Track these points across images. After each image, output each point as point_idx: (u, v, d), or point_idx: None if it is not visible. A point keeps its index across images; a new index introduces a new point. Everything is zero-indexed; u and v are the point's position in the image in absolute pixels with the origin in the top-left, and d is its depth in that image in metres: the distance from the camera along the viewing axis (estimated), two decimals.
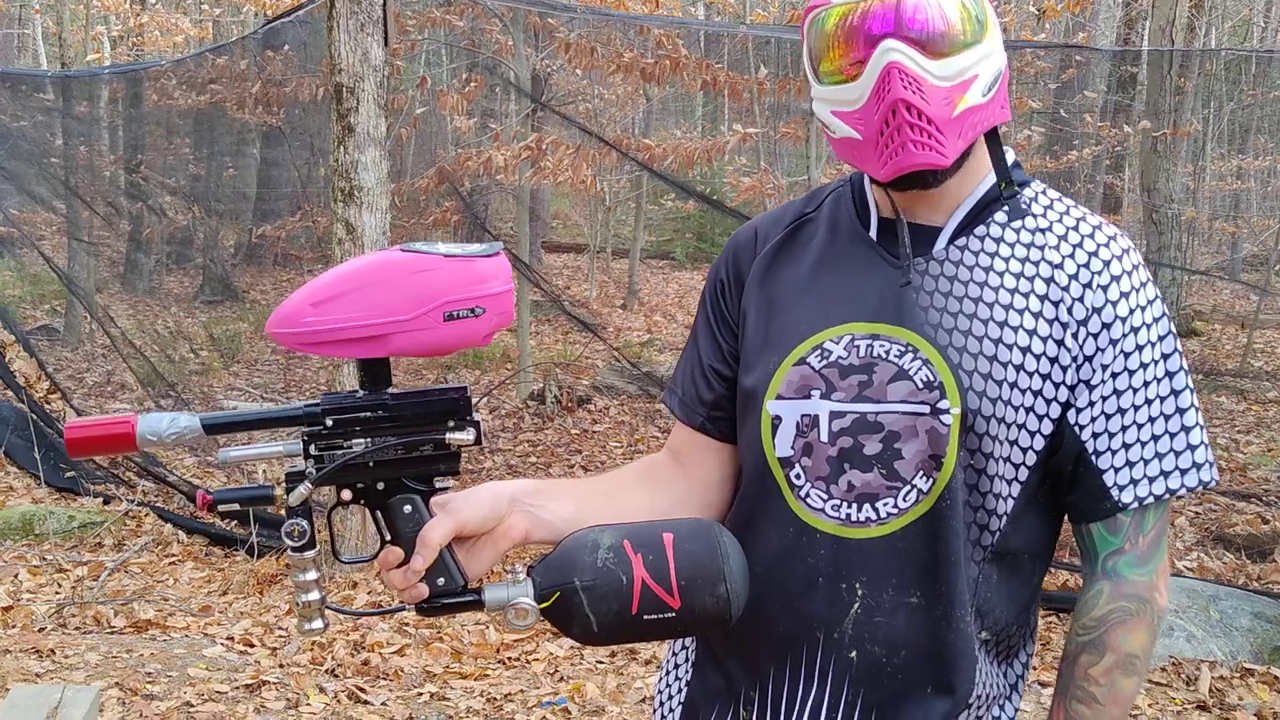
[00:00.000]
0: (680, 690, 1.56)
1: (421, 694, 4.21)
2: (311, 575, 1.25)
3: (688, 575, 1.26)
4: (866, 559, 1.35)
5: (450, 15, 9.25)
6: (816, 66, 1.36)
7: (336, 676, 4.34)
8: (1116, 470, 1.33)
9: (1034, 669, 4.07)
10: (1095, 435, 1.33)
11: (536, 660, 4.53)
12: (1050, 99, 11.35)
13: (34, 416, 7.23)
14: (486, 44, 8.93)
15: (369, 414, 1.25)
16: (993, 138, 1.37)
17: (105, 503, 6.67)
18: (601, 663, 4.49)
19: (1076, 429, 1.33)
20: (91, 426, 1.21)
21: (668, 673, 1.61)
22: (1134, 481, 1.33)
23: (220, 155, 13.80)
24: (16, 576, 5.51)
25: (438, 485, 1.28)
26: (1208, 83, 13.56)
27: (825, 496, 1.36)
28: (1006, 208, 1.38)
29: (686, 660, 1.57)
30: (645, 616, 1.26)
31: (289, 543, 1.24)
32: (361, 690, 4.20)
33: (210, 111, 12.77)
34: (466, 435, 1.26)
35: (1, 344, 8.06)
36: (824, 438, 1.35)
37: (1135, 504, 1.34)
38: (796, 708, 1.41)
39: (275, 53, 8.89)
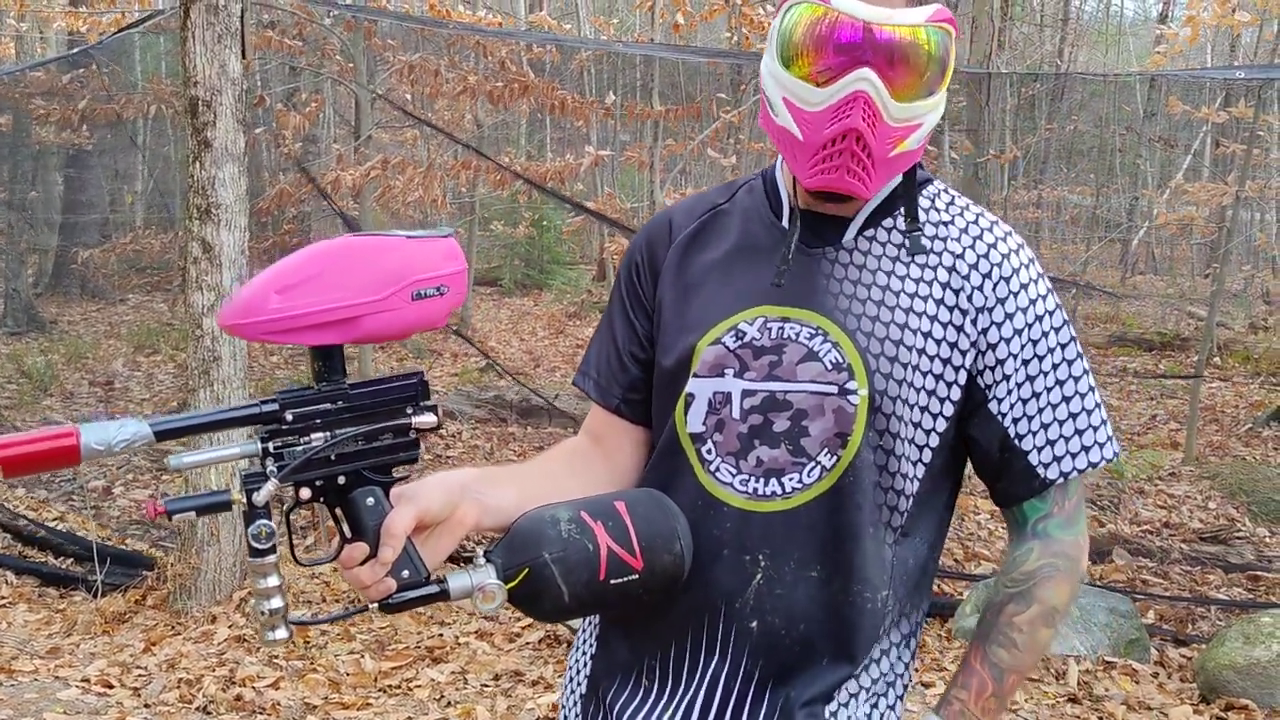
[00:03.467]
0: (585, 665, 1.59)
1: None
2: (274, 581, 1.21)
3: (647, 537, 1.33)
4: (770, 532, 1.40)
5: (282, 37, 9.01)
6: (784, 56, 1.35)
7: (209, 714, 4.13)
8: (1039, 450, 1.42)
9: (915, 670, 4.19)
10: (1015, 420, 1.41)
11: (419, 687, 4.41)
12: None
13: None
14: (326, 65, 8.73)
15: (329, 405, 1.22)
16: (909, 173, 1.43)
17: None
18: (488, 686, 4.40)
19: (999, 417, 1.41)
20: (28, 442, 1.09)
21: (576, 648, 1.63)
22: (1056, 459, 1.42)
23: (22, 178, 13.05)
24: None
25: (396, 476, 1.27)
26: (1012, 116, 14.36)
27: (734, 471, 1.41)
28: (907, 239, 1.42)
29: (591, 635, 1.60)
30: (612, 581, 1.31)
31: (255, 545, 1.19)
32: None
33: (12, 132, 12.09)
34: (429, 419, 1.27)
35: None
36: (735, 414, 1.41)
37: (1060, 479, 1.43)
38: (698, 677, 1.45)
39: (96, 70, 8.48)
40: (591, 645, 1.58)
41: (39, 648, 4.86)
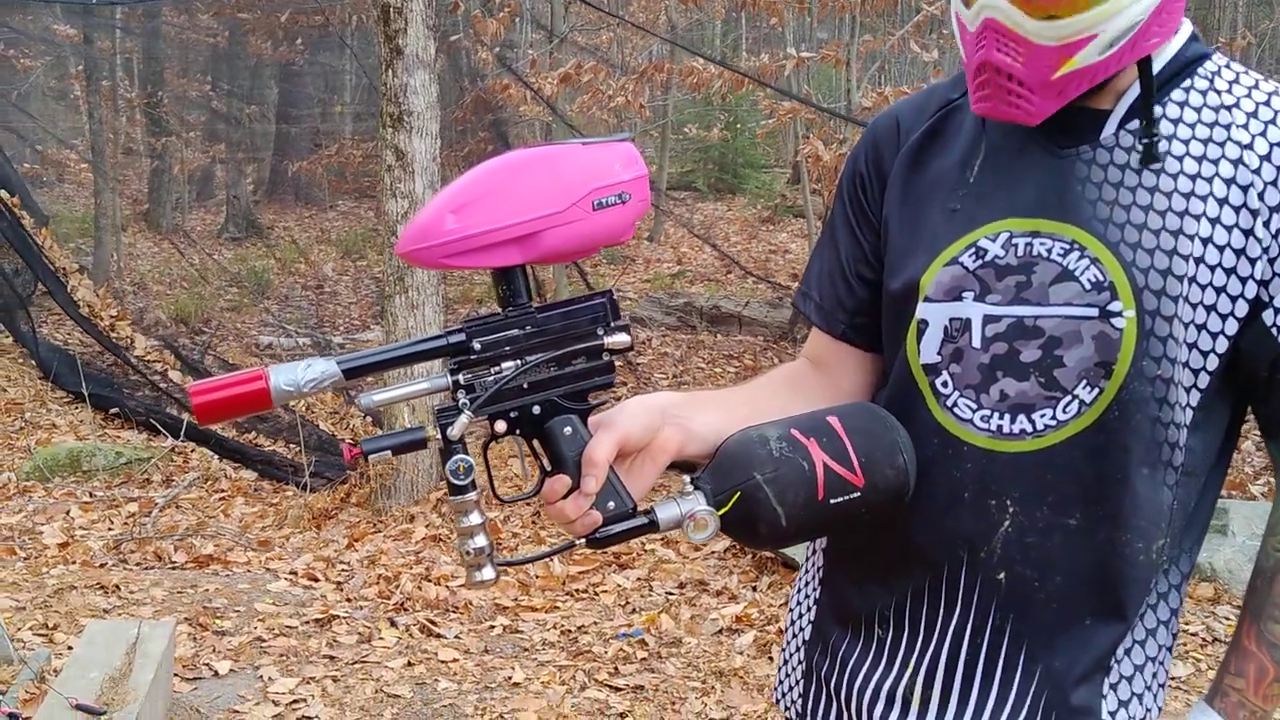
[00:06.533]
0: (810, 608, 1.47)
1: (494, 627, 4.16)
2: (476, 519, 1.15)
3: (866, 451, 1.22)
4: (1019, 474, 1.24)
5: None
6: None
7: (405, 610, 4.29)
8: None
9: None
10: None
11: (605, 592, 4.48)
12: None
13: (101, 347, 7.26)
14: None
15: (517, 331, 1.16)
16: (1144, 63, 1.21)
17: (150, 438, 6.63)
18: (672, 594, 4.43)
19: (1275, 330, 1.20)
20: (220, 388, 1.08)
21: (799, 589, 1.52)
22: None
23: (239, 92, 13.64)
24: (68, 513, 5.47)
25: (593, 402, 1.20)
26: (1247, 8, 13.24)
27: (975, 406, 1.26)
28: (1140, 146, 1.22)
29: (815, 576, 1.48)
30: (832, 501, 1.20)
31: (454, 481, 1.14)
32: (433, 624, 4.15)
33: (229, 48, 12.61)
34: (622, 339, 1.19)
35: (64, 271, 7.88)
36: (976, 343, 1.25)
37: None
38: (937, 630, 1.31)
39: None
40: (816, 588, 1.47)
41: (252, 539, 5.14)
